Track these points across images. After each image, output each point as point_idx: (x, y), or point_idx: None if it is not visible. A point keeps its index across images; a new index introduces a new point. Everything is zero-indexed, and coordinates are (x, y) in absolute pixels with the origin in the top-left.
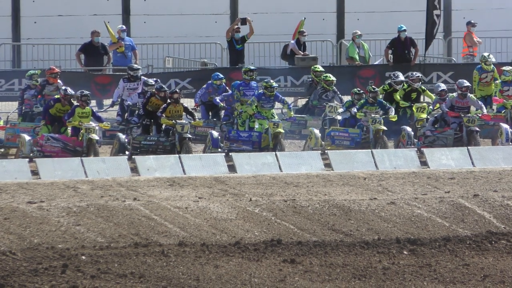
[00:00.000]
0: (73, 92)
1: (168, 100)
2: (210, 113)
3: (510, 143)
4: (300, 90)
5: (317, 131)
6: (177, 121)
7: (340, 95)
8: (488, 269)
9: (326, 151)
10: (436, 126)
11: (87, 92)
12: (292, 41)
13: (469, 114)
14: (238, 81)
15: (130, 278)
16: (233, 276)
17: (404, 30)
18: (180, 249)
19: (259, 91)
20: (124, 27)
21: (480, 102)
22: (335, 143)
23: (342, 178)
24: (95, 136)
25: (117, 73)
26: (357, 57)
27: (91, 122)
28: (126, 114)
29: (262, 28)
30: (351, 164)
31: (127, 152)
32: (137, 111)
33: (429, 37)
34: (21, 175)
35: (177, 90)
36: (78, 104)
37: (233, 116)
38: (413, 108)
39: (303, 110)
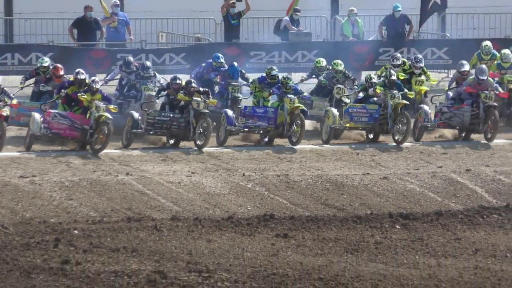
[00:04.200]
0: (84, 77)
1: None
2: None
3: None
4: (294, 66)
5: (334, 110)
6: (193, 98)
7: (352, 77)
8: (479, 243)
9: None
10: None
11: (98, 86)
12: (286, 17)
13: (486, 91)
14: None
15: (122, 252)
16: (226, 251)
17: (399, 10)
18: (173, 223)
19: (262, 75)
20: (118, 1)
21: (496, 84)
22: (353, 120)
23: (335, 153)
24: (108, 115)
25: (111, 48)
26: (351, 34)
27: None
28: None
29: (257, 3)
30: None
31: (140, 127)
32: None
33: (424, 13)
34: None
35: (193, 82)
36: (88, 90)
37: (228, 92)
38: (412, 81)
39: (314, 92)
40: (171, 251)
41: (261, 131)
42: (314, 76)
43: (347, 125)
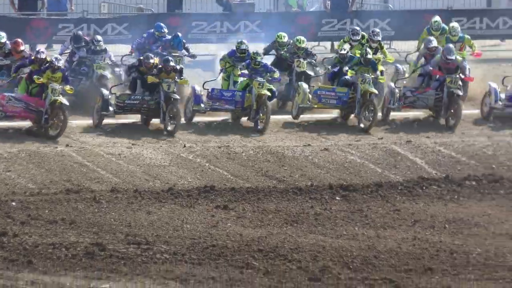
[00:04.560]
0: (45, 56)
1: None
2: None
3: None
4: (236, 36)
5: (305, 86)
6: (164, 79)
7: (313, 53)
8: (418, 214)
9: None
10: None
11: (60, 64)
12: None
13: (453, 75)
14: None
15: (60, 224)
16: (165, 222)
17: None
18: (112, 195)
19: (232, 49)
20: None
21: (465, 64)
22: (322, 102)
23: (277, 124)
24: (63, 100)
25: (52, 18)
26: (296, 5)
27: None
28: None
29: None
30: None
31: (110, 109)
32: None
33: None
34: None
35: (171, 61)
36: (49, 67)
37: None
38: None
39: (272, 65)
40: (110, 223)
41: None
42: (273, 50)
43: (315, 105)
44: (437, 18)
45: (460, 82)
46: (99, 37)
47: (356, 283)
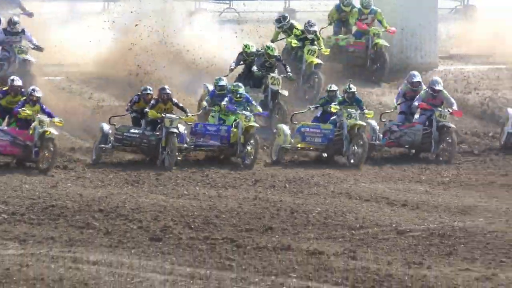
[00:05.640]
0: (20, 84)
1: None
2: None
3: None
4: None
5: (286, 127)
6: (166, 114)
7: (284, 63)
8: (259, 174)
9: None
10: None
11: (38, 95)
12: None
13: (440, 109)
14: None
15: None
16: (4, 183)
17: None
18: None
19: (212, 90)
20: None
21: (452, 99)
22: (306, 140)
23: None
24: (53, 131)
25: None
26: None
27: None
28: None
29: None
30: None
31: (108, 144)
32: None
33: None
34: None
35: (166, 88)
36: (28, 101)
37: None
38: (304, 50)
39: (243, 80)
40: None
41: (213, 151)
42: (241, 62)
43: (299, 145)
44: None
45: (448, 116)
46: (16, 18)
47: (198, 242)
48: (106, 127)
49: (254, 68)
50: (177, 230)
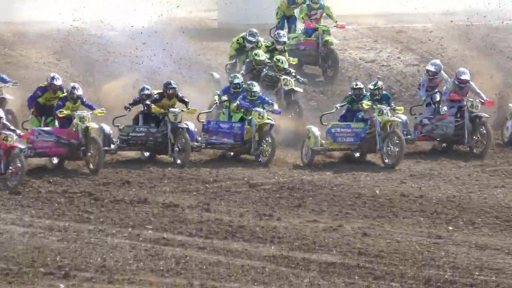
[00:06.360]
0: (61, 83)
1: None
2: None
3: None
4: None
5: (315, 129)
6: (170, 109)
7: (294, 74)
8: None
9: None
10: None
11: (79, 94)
12: None
13: (471, 99)
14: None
15: None
16: None
17: None
18: None
19: (226, 86)
20: None
21: (478, 90)
22: (337, 141)
23: None
24: (94, 125)
25: None
26: None
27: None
28: None
29: None
30: None
31: (112, 146)
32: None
33: None
34: None
35: (172, 83)
36: (68, 99)
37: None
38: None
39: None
40: None
41: (227, 149)
42: (254, 71)
43: (331, 146)
44: None
45: (480, 106)
46: None
47: (57, 196)
48: (107, 128)
49: (266, 71)
50: (37, 184)
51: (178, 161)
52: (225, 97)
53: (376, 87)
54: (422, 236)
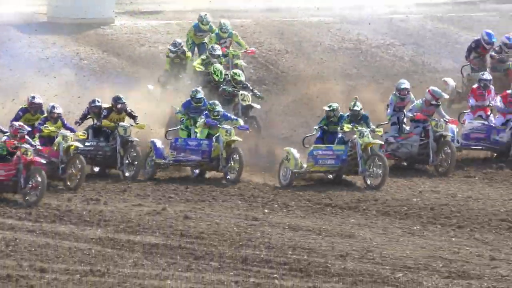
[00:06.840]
0: (41, 102)
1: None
2: None
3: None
4: None
5: (294, 151)
6: (119, 123)
7: (251, 88)
8: None
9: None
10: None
11: (59, 112)
12: None
13: (436, 119)
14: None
15: None
16: None
17: None
18: None
19: (187, 100)
20: None
21: (443, 111)
22: (319, 163)
23: None
24: (78, 144)
25: None
26: None
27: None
28: None
29: None
30: None
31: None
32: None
33: None
34: None
35: (122, 98)
36: (49, 118)
37: None
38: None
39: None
40: None
41: (193, 166)
42: (211, 83)
43: (312, 169)
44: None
45: (444, 126)
46: None
47: None
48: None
49: (224, 87)
50: None
51: (127, 174)
52: (179, 112)
53: (357, 108)
54: (240, 218)
